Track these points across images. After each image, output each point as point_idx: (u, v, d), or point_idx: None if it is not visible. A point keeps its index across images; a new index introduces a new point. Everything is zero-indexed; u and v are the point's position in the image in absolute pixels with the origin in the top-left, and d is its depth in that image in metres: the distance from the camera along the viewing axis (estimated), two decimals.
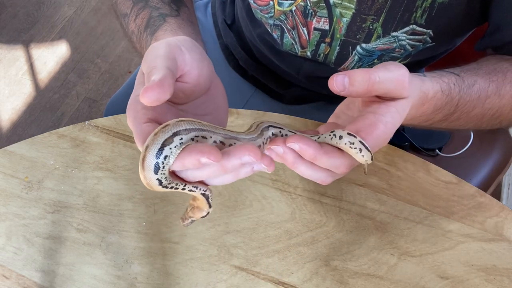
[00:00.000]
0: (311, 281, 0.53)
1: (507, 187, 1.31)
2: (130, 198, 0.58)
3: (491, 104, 0.49)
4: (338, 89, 0.35)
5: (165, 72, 0.34)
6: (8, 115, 1.60)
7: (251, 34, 0.73)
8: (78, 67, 1.72)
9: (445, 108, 0.45)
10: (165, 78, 0.34)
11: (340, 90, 0.35)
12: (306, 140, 0.35)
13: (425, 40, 0.58)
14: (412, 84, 0.38)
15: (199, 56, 0.40)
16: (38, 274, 0.54)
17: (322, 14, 0.59)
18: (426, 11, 0.54)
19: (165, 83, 0.33)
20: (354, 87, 0.35)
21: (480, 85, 0.48)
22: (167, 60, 0.36)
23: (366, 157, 0.36)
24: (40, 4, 1.90)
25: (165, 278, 0.53)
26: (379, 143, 0.37)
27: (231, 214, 0.57)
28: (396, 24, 0.56)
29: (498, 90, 0.49)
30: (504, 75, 0.50)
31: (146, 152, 0.32)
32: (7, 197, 0.59)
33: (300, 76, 0.72)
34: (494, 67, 0.50)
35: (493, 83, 0.49)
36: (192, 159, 0.32)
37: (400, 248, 0.54)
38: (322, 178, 0.38)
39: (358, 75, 0.35)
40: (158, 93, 0.32)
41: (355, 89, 0.35)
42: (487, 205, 0.56)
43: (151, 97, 0.32)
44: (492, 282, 0.52)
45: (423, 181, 0.58)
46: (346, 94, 0.36)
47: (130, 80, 0.87)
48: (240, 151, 0.32)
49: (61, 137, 0.63)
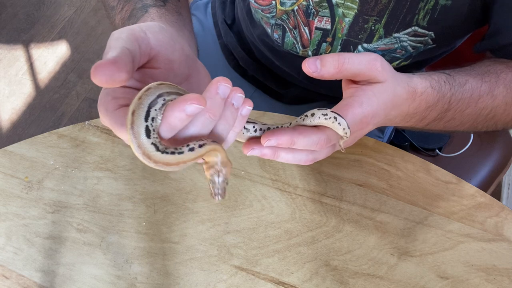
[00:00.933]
0: (311, 281, 0.52)
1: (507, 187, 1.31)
2: (130, 198, 0.58)
3: (484, 104, 0.49)
4: (311, 69, 0.38)
5: (120, 50, 0.31)
6: (8, 115, 1.60)
7: (252, 34, 0.73)
8: (78, 67, 1.72)
9: (438, 104, 0.46)
10: (120, 55, 0.31)
11: (312, 71, 0.38)
12: (279, 131, 0.37)
13: (427, 42, 0.58)
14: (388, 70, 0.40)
15: (168, 39, 0.37)
16: (38, 274, 0.54)
17: (324, 13, 0.59)
18: (429, 13, 0.54)
19: (119, 60, 0.30)
20: (325, 67, 0.38)
21: (471, 84, 0.48)
22: (126, 42, 0.33)
23: (342, 125, 0.38)
24: (40, 4, 1.90)
25: (165, 278, 0.53)
26: (356, 122, 0.39)
27: (231, 214, 0.57)
28: (398, 25, 0.56)
29: (490, 91, 0.49)
30: (497, 76, 0.50)
31: (134, 117, 0.30)
32: (7, 197, 0.59)
33: (301, 76, 0.72)
34: (488, 69, 0.51)
35: (485, 83, 0.49)
36: (177, 113, 0.30)
37: (400, 248, 0.54)
38: (302, 158, 0.40)
39: (328, 56, 0.38)
40: (111, 70, 0.29)
41: (326, 69, 0.38)
42: (487, 205, 0.56)
43: (104, 75, 0.29)
44: (492, 282, 0.52)
45: (423, 181, 0.58)
46: (318, 75, 0.38)
47: None
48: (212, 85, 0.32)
49: (61, 137, 0.63)
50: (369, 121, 0.40)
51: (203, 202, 0.58)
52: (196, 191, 0.59)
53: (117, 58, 0.30)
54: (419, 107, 0.45)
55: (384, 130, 0.81)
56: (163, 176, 0.60)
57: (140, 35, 0.35)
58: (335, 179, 0.59)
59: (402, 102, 0.43)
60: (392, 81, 0.41)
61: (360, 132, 0.42)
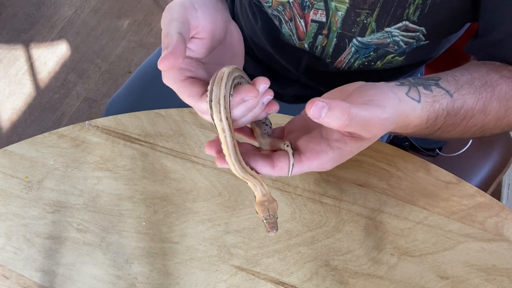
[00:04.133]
0: (311, 281, 0.53)
1: (507, 187, 1.31)
2: (130, 198, 0.58)
3: (475, 122, 0.50)
4: (314, 116, 0.35)
5: (176, 39, 0.38)
6: (8, 115, 1.60)
7: (253, 29, 0.73)
8: (78, 67, 1.72)
9: (426, 130, 0.47)
10: (177, 46, 0.38)
11: (315, 118, 0.35)
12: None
13: (419, 38, 0.58)
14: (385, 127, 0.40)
15: (212, 9, 0.43)
16: (38, 274, 0.54)
17: (319, 6, 0.59)
18: (419, 8, 0.54)
19: (177, 51, 0.37)
20: (329, 118, 0.35)
21: (468, 105, 0.48)
22: (180, 25, 0.40)
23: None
24: (40, 4, 1.90)
25: (165, 278, 0.53)
26: (319, 168, 0.40)
27: (231, 214, 0.57)
28: (390, 19, 0.56)
29: (484, 108, 0.49)
30: (493, 89, 0.50)
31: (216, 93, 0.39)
32: (7, 197, 0.59)
33: (300, 71, 0.72)
34: (486, 80, 0.50)
35: (481, 100, 0.49)
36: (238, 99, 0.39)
37: (400, 248, 0.54)
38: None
39: (337, 106, 0.35)
40: (172, 60, 0.37)
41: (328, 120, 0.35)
42: (487, 205, 0.56)
43: (167, 65, 0.37)
44: (492, 282, 0.52)
45: (423, 181, 0.58)
46: (319, 122, 0.36)
47: (130, 80, 0.87)
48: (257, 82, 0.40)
49: (61, 137, 0.63)
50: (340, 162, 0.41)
51: (203, 202, 0.58)
52: (196, 191, 0.59)
53: (175, 49, 0.38)
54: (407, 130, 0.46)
55: None
56: (163, 176, 0.60)
57: (190, 12, 0.41)
58: (335, 179, 0.59)
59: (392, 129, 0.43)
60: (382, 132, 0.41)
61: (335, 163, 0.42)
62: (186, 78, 0.42)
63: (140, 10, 1.88)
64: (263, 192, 0.41)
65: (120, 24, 1.84)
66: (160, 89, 0.82)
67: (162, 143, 0.62)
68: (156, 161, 0.61)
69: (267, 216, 0.41)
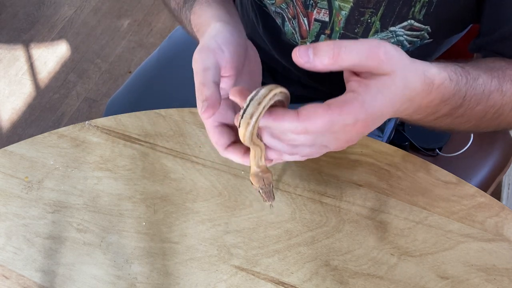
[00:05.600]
0: (311, 281, 0.53)
1: (507, 187, 1.31)
2: (130, 198, 0.58)
3: (493, 101, 0.47)
4: (302, 60, 0.34)
5: (213, 90, 0.41)
6: (8, 115, 1.60)
7: (254, 29, 0.73)
8: (78, 67, 1.72)
9: (452, 99, 0.43)
10: (215, 97, 0.40)
11: (304, 61, 0.34)
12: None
13: (423, 36, 0.58)
14: (396, 59, 0.35)
15: (236, 46, 0.45)
16: (38, 274, 0.54)
17: (322, 5, 0.59)
18: (425, 6, 0.54)
19: (215, 102, 0.40)
20: (318, 57, 0.34)
21: (483, 79, 0.46)
22: (214, 73, 0.42)
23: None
24: (40, 4, 1.90)
25: (165, 278, 0.53)
26: (353, 122, 0.35)
27: (231, 214, 0.57)
28: (394, 18, 0.56)
29: (500, 86, 0.47)
30: (504, 72, 0.49)
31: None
32: (7, 197, 0.59)
33: (301, 71, 0.72)
34: (493, 65, 0.49)
35: (495, 78, 0.47)
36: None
37: (400, 248, 0.54)
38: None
39: (323, 44, 0.34)
40: (212, 111, 0.40)
41: (319, 59, 0.34)
42: (487, 205, 0.56)
43: (209, 116, 0.40)
44: (492, 282, 0.52)
45: (423, 181, 0.58)
46: (311, 67, 0.34)
47: (130, 80, 0.87)
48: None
49: (61, 137, 0.63)
50: (369, 124, 0.36)
51: (203, 202, 0.58)
52: (196, 191, 0.59)
53: (215, 101, 0.40)
54: (434, 100, 0.41)
55: (384, 130, 0.81)
56: (163, 176, 0.60)
57: (220, 56, 0.43)
58: (335, 179, 0.59)
59: (416, 95, 0.39)
60: (402, 71, 0.36)
61: (356, 134, 0.38)
62: (218, 125, 0.45)
63: (140, 10, 1.88)
64: (259, 164, 0.42)
65: (120, 24, 1.84)
66: (160, 89, 0.82)
67: (162, 143, 0.62)
68: (156, 161, 0.61)
69: (262, 186, 0.42)
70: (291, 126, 0.35)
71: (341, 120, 0.35)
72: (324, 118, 0.34)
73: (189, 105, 0.65)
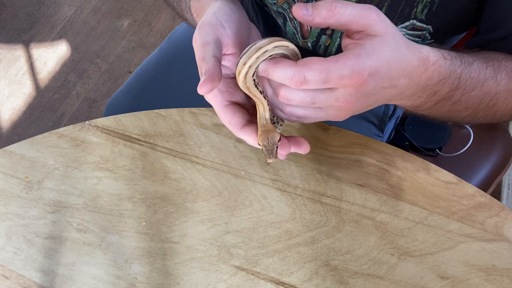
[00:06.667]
0: (311, 281, 0.53)
1: (507, 187, 1.31)
2: (130, 198, 0.58)
3: (488, 88, 0.48)
4: (302, 12, 0.37)
5: (213, 63, 0.40)
6: (8, 115, 1.60)
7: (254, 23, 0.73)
8: (78, 67, 1.72)
9: (449, 79, 0.44)
10: (214, 70, 0.39)
11: (303, 13, 0.37)
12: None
13: (424, 36, 0.58)
14: (387, 23, 0.38)
15: (238, 23, 0.45)
16: (38, 274, 0.54)
17: None
18: (427, 6, 0.54)
19: (214, 75, 0.39)
20: (317, 10, 0.37)
21: (478, 65, 0.47)
22: (214, 47, 0.41)
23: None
24: (40, 4, 1.90)
25: (165, 278, 0.53)
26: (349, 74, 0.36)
27: (231, 214, 0.57)
28: (397, 18, 0.56)
29: (495, 75, 0.48)
30: (499, 62, 0.49)
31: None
32: (7, 197, 0.59)
33: None
34: (489, 55, 0.50)
35: (490, 67, 0.48)
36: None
37: (400, 248, 0.54)
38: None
39: (321, 1, 0.37)
40: (211, 85, 0.39)
41: (317, 12, 0.37)
42: (487, 205, 0.56)
43: (206, 90, 0.39)
44: (492, 282, 0.52)
45: (423, 181, 0.58)
46: (309, 19, 0.37)
47: (130, 80, 0.87)
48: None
49: (61, 137, 0.63)
50: (366, 78, 0.37)
51: (203, 202, 0.58)
52: (196, 191, 0.59)
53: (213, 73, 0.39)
54: (432, 78, 0.42)
55: (384, 130, 0.81)
56: (163, 176, 0.60)
57: (221, 31, 0.43)
58: (335, 179, 0.59)
59: (413, 69, 0.40)
60: (394, 36, 0.38)
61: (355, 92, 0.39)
62: (228, 104, 0.44)
63: (140, 10, 1.88)
64: (263, 123, 0.43)
65: (120, 24, 1.84)
66: (160, 89, 0.82)
67: (162, 143, 0.62)
68: (156, 161, 0.61)
69: (266, 144, 0.42)
70: (288, 72, 0.37)
71: (337, 68, 0.37)
72: (321, 65, 0.37)
73: (189, 105, 0.65)
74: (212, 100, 0.45)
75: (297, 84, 0.37)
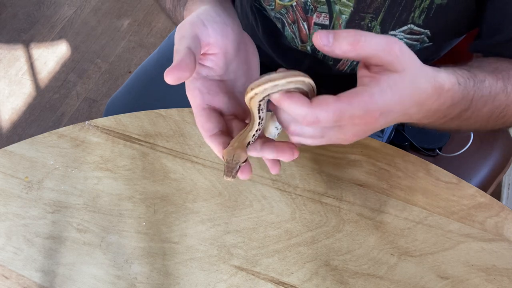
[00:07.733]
0: (311, 281, 0.53)
1: (507, 187, 1.31)
2: (130, 198, 0.58)
3: (499, 102, 0.48)
4: (322, 42, 0.35)
5: (184, 53, 0.39)
6: (8, 115, 1.60)
7: (253, 32, 0.73)
8: (78, 67, 1.72)
9: (461, 102, 0.43)
10: (183, 59, 0.38)
11: (323, 44, 0.35)
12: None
13: (423, 40, 0.58)
14: (408, 58, 0.37)
15: (222, 25, 0.44)
16: (38, 274, 0.54)
17: (322, 9, 0.59)
18: (424, 11, 0.54)
19: (182, 63, 0.38)
20: (338, 42, 0.34)
21: (489, 81, 0.46)
22: (189, 40, 0.40)
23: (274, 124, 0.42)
24: (40, 4, 1.90)
25: (165, 278, 0.53)
26: (360, 114, 0.36)
27: (231, 214, 0.57)
28: (394, 23, 0.56)
29: (505, 88, 0.48)
30: (508, 73, 0.49)
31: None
32: (7, 197, 0.59)
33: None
34: (496, 66, 0.50)
35: (499, 80, 0.48)
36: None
37: (400, 248, 0.54)
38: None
39: (344, 31, 0.35)
40: (177, 73, 0.37)
41: (339, 44, 0.34)
42: (487, 205, 0.56)
43: (172, 78, 0.37)
44: (492, 282, 0.52)
45: (423, 181, 0.58)
46: (329, 51, 0.35)
47: (130, 80, 0.87)
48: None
49: (61, 137, 0.63)
50: (377, 118, 0.37)
51: (203, 202, 0.58)
52: (196, 191, 0.59)
53: (181, 62, 0.38)
54: (444, 104, 0.42)
55: (384, 130, 0.81)
56: (163, 176, 0.60)
57: (199, 28, 0.42)
58: (335, 179, 0.59)
59: (426, 98, 0.39)
60: (413, 72, 0.37)
61: (364, 128, 0.38)
62: (206, 107, 0.44)
63: (140, 10, 1.88)
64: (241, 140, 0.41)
65: (120, 24, 1.84)
66: (160, 89, 0.82)
67: (162, 143, 0.62)
68: (156, 161, 0.61)
69: (229, 160, 0.41)
70: (302, 111, 0.36)
71: (350, 110, 0.35)
72: (335, 106, 0.35)
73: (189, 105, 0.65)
74: (191, 100, 0.44)
75: (309, 124, 0.36)
